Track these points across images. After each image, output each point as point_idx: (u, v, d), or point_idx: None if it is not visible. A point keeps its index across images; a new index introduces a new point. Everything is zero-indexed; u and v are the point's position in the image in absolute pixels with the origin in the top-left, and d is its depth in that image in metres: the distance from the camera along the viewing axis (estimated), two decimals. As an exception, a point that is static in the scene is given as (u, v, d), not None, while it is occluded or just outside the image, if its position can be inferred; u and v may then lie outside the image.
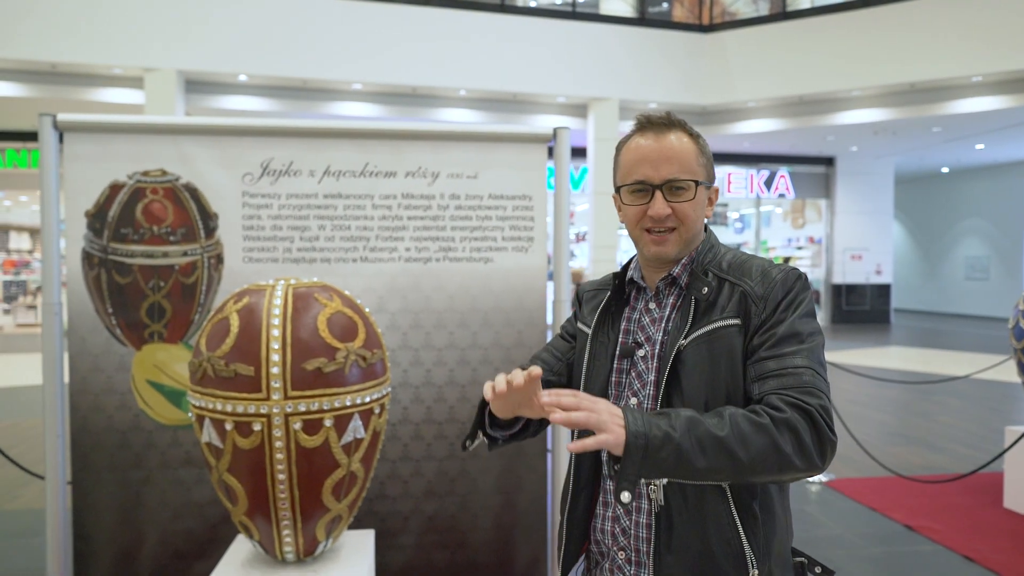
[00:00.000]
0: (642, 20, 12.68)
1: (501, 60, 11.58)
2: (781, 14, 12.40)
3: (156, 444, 2.63)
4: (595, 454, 1.38)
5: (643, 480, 1.22)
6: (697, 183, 1.31)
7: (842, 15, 11.71)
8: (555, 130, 2.77)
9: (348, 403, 1.99)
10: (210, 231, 2.63)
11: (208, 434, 1.99)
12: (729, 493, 1.22)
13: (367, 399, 2.05)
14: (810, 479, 4.70)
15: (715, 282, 1.30)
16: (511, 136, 2.79)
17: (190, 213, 2.62)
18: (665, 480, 1.25)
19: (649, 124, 1.35)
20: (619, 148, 1.39)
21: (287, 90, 11.37)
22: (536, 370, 1.16)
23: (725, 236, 19.47)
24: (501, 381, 1.19)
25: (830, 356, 4.57)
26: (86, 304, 2.59)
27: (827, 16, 11.85)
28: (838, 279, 16.78)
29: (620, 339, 1.39)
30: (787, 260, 17.81)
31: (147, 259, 2.59)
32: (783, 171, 16.36)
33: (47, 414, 2.54)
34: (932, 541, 3.68)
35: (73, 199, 2.58)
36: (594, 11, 12.91)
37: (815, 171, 16.62)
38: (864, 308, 16.89)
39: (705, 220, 1.39)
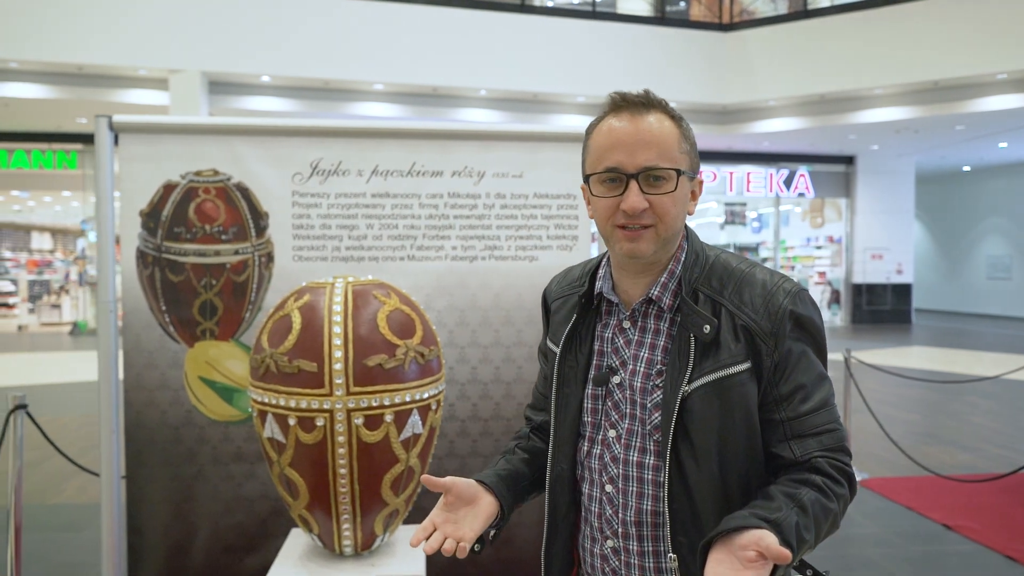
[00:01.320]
0: (662, 19, 12.67)
1: (521, 60, 11.60)
2: (802, 12, 12.35)
3: (208, 439, 2.67)
4: (571, 487, 1.28)
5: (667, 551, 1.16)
6: (679, 173, 1.13)
7: (864, 12, 11.64)
8: (600, 129, 2.78)
9: (407, 399, 2.02)
10: (261, 230, 2.67)
11: (270, 429, 2.02)
12: None
13: (425, 395, 2.07)
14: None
15: (709, 308, 1.15)
16: (556, 136, 2.81)
17: (241, 212, 2.66)
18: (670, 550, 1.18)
19: (624, 103, 1.16)
20: (589, 131, 1.21)
21: (309, 90, 11.45)
22: (426, 478, 1.21)
23: (743, 236, 19.40)
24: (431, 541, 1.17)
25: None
26: (140, 302, 2.64)
27: (849, 14, 11.79)
28: (858, 279, 16.68)
29: (594, 362, 1.25)
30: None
31: (199, 257, 2.63)
32: (803, 170, 16.29)
33: (102, 410, 2.59)
34: (971, 540, 3.67)
35: (128, 199, 2.62)
36: (613, 11, 12.91)
37: (835, 170, 16.53)
38: (884, 308, 16.78)
39: (688, 217, 1.22)
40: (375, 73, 11.13)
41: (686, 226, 1.23)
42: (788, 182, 16.27)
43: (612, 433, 1.22)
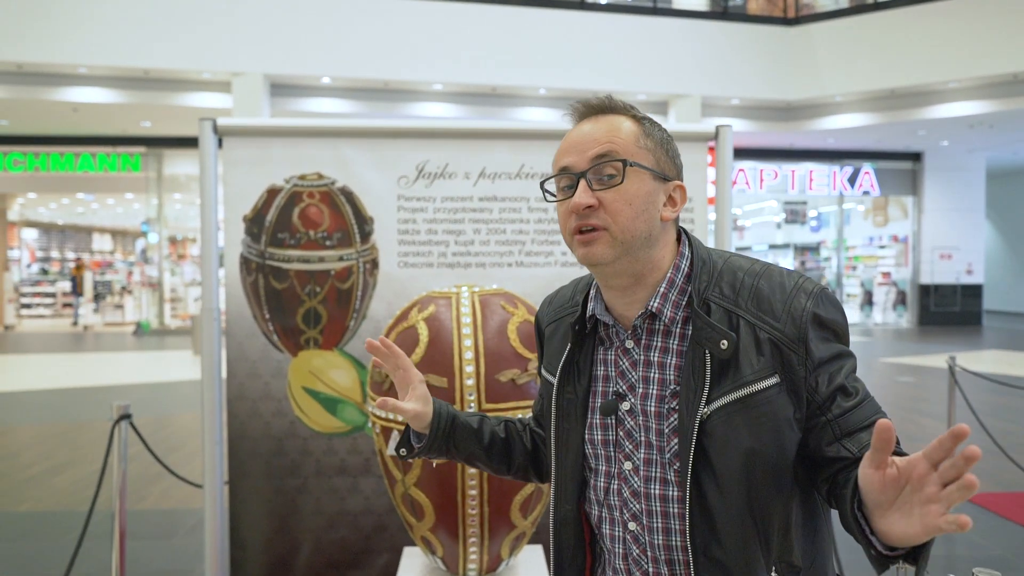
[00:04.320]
0: (724, 14, 12.38)
1: (581, 58, 11.46)
2: (871, 4, 11.94)
3: (311, 452, 2.59)
4: (578, 528, 1.17)
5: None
6: (626, 164, 1.03)
7: (936, 5, 11.20)
8: (717, 128, 2.63)
9: (540, 416, 1.91)
10: (365, 235, 2.58)
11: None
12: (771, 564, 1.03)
13: (555, 412, 1.95)
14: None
15: (724, 320, 1.04)
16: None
17: (346, 217, 2.57)
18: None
19: (585, 109, 1.09)
20: None
21: (369, 92, 11.48)
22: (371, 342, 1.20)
23: (800, 235, 18.92)
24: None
25: (919, 360, 4.29)
26: (244, 309, 2.57)
27: (923, 5, 11.36)
28: (926, 279, 16.11)
29: (598, 388, 1.14)
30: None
31: (303, 264, 2.56)
32: (867, 167, 15.80)
33: (205, 419, 2.53)
34: (1103, 565, 3.41)
35: (231, 204, 2.56)
36: (675, 7, 12.66)
37: (901, 167, 16.00)
38: (954, 309, 16.18)
39: (680, 224, 1.13)
40: (434, 73, 11.10)
41: (684, 231, 1.13)
42: (852, 180, 15.80)
43: (628, 465, 1.11)
